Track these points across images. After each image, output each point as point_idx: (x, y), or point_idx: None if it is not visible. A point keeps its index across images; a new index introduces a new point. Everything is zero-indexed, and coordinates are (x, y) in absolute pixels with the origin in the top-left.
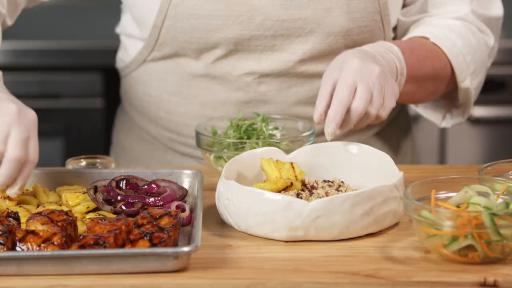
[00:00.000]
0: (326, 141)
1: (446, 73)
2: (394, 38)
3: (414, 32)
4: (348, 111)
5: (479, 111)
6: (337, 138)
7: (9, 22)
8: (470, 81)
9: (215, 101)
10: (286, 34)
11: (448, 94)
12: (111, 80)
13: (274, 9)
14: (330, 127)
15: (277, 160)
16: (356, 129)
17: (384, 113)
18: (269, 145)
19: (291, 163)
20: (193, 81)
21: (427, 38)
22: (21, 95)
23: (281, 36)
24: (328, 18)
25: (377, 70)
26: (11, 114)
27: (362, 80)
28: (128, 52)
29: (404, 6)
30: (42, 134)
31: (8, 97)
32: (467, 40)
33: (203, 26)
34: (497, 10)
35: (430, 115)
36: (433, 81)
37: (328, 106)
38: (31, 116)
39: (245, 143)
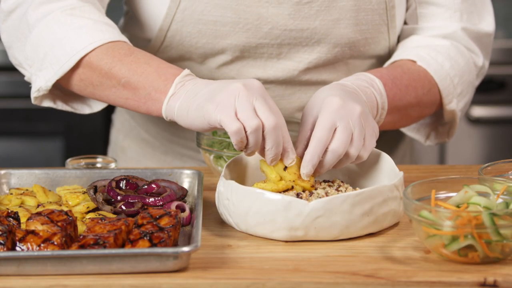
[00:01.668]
0: None
1: (431, 98)
2: None
3: (401, 53)
4: (327, 152)
5: (479, 111)
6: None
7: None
8: (456, 103)
9: None
10: (293, 43)
11: (434, 113)
12: None
13: (282, 18)
14: (307, 169)
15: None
16: (336, 169)
17: (365, 154)
18: None
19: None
20: None
21: (414, 61)
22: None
23: (287, 45)
24: (336, 30)
25: (358, 109)
26: (241, 90)
27: (342, 120)
28: None
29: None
30: (42, 134)
31: (226, 81)
32: (455, 61)
33: (210, 31)
34: (488, 26)
35: (414, 133)
36: (417, 108)
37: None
38: (256, 84)
39: None
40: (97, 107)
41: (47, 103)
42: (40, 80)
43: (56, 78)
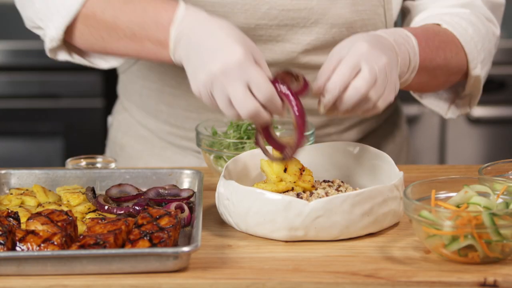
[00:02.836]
0: (326, 141)
1: (458, 62)
2: (395, 24)
3: (424, 20)
4: (349, 88)
5: (479, 111)
6: (332, 138)
7: None
8: (480, 69)
9: None
10: (291, 24)
11: (452, 86)
12: (111, 80)
13: None
14: (326, 98)
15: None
16: (350, 115)
17: (382, 104)
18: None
19: (301, 168)
20: None
21: (439, 25)
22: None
23: (285, 26)
24: (333, 9)
25: (384, 59)
26: (217, 76)
27: (368, 63)
28: None
29: None
30: (42, 134)
31: (220, 44)
32: (477, 27)
33: (209, 13)
34: None
35: (435, 105)
36: (445, 71)
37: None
38: (235, 58)
39: (245, 143)
40: (112, 62)
41: (62, 56)
42: (51, 30)
43: (65, 24)
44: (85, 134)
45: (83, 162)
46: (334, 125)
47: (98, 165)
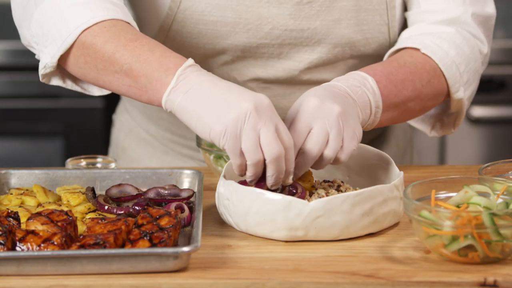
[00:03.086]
0: None
1: (432, 89)
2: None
3: (405, 41)
4: (300, 154)
5: (479, 111)
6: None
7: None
8: (463, 92)
9: None
10: (294, 43)
11: (439, 104)
12: None
13: (283, 18)
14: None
15: None
16: (316, 169)
17: (343, 156)
18: None
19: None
20: None
21: (418, 49)
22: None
23: (288, 45)
24: (336, 29)
25: (336, 110)
26: (250, 114)
27: (318, 121)
28: None
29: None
30: (42, 134)
31: (234, 90)
32: (461, 49)
33: (210, 32)
34: (491, 7)
35: (419, 124)
36: (418, 100)
37: None
38: (266, 102)
39: None
40: (105, 90)
41: (56, 81)
42: (45, 57)
43: (60, 53)
44: (85, 134)
45: (83, 162)
46: None
47: (98, 165)
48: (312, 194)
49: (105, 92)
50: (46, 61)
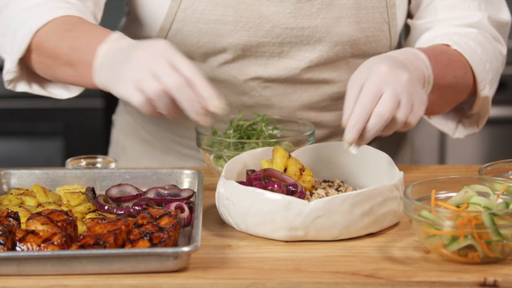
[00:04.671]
0: (326, 141)
1: (466, 81)
2: (400, 43)
3: (432, 40)
4: (372, 116)
5: None
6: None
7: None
8: (489, 89)
9: None
10: (294, 41)
11: (458, 105)
12: None
13: (283, 16)
14: (350, 134)
15: (290, 156)
16: (383, 135)
17: (414, 119)
18: (269, 145)
19: (301, 168)
20: None
21: (448, 46)
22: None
23: (289, 44)
24: (337, 28)
25: (405, 77)
26: (143, 58)
27: (389, 86)
28: None
29: (408, 12)
30: (42, 134)
31: (132, 48)
32: (485, 48)
33: (211, 30)
34: (506, 15)
35: (443, 126)
36: (454, 90)
37: None
38: (162, 45)
39: (245, 143)
40: (75, 91)
41: (21, 87)
42: (7, 62)
43: (18, 57)
44: (85, 134)
45: (83, 162)
46: (337, 136)
47: (98, 165)
48: (312, 194)
49: (74, 94)
50: (8, 66)
